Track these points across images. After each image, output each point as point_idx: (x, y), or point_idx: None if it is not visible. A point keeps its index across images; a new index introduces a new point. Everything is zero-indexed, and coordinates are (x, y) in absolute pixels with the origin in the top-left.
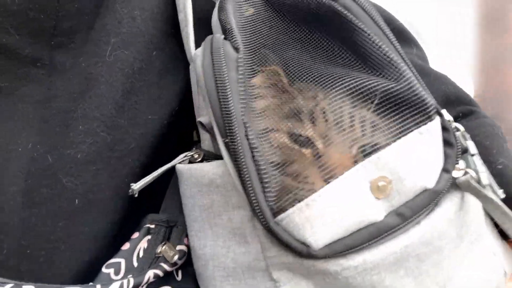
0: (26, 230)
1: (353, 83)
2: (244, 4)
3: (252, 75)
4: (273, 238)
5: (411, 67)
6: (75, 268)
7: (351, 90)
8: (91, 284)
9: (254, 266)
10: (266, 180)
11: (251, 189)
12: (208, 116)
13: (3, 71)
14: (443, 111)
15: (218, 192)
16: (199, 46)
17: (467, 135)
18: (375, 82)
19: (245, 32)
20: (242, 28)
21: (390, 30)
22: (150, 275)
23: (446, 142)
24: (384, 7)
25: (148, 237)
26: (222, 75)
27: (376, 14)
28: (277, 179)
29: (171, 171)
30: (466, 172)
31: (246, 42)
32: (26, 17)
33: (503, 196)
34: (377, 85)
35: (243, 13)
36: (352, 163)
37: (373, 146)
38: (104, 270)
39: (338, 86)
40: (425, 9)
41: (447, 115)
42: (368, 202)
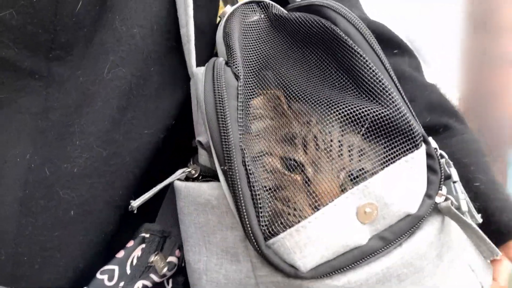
0: (22, 238)
1: (345, 110)
2: (250, 21)
3: (252, 96)
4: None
5: (402, 93)
6: (70, 274)
7: (343, 117)
8: None
9: (245, 283)
10: (260, 206)
11: (245, 213)
12: (207, 137)
13: (1, 83)
14: (429, 138)
15: (213, 213)
16: (200, 57)
17: (451, 162)
18: (366, 109)
19: (247, 52)
20: (244, 47)
21: (385, 38)
22: (139, 286)
23: (431, 169)
24: (373, 8)
25: (143, 245)
26: (223, 105)
27: (373, 40)
28: (269, 204)
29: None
30: (447, 198)
31: (248, 63)
32: (25, 31)
33: (480, 221)
34: (368, 111)
35: (247, 30)
36: (339, 189)
37: (359, 171)
38: (98, 276)
39: (331, 112)
40: (412, 9)
41: (433, 143)
42: (354, 227)
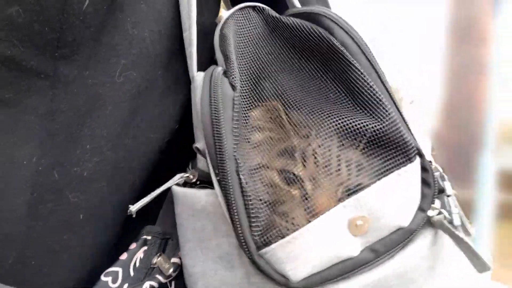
0: (31, 240)
1: (343, 123)
2: (246, 26)
3: (250, 107)
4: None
5: (397, 105)
6: (77, 276)
7: (341, 130)
8: None
9: None
10: (253, 215)
11: (238, 223)
12: (203, 144)
13: (7, 83)
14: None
15: (209, 219)
16: (202, 61)
17: (445, 176)
18: (364, 123)
19: (244, 60)
20: (241, 55)
21: None
22: (147, 286)
23: (425, 182)
24: (357, 10)
25: (145, 248)
26: (218, 116)
27: (369, 51)
28: (264, 215)
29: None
30: (440, 212)
31: (245, 72)
32: (32, 29)
33: (473, 235)
34: (366, 125)
35: (243, 37)
36: (336, 204)
37: (356, 186)
38: (102, 278)
39: (329, 125)
40: (396, 15)
41: (428, 156)
42: (345, 239)
